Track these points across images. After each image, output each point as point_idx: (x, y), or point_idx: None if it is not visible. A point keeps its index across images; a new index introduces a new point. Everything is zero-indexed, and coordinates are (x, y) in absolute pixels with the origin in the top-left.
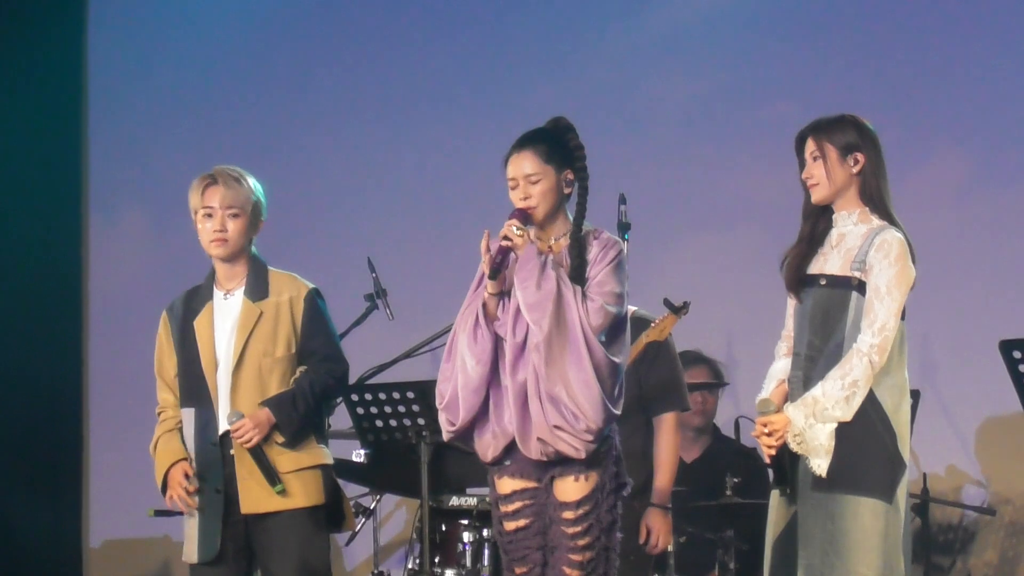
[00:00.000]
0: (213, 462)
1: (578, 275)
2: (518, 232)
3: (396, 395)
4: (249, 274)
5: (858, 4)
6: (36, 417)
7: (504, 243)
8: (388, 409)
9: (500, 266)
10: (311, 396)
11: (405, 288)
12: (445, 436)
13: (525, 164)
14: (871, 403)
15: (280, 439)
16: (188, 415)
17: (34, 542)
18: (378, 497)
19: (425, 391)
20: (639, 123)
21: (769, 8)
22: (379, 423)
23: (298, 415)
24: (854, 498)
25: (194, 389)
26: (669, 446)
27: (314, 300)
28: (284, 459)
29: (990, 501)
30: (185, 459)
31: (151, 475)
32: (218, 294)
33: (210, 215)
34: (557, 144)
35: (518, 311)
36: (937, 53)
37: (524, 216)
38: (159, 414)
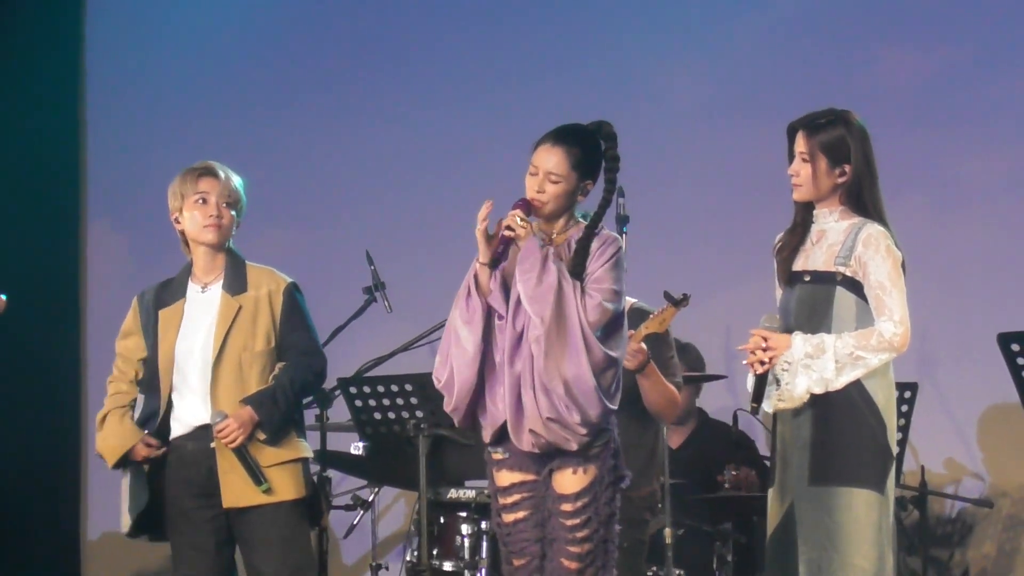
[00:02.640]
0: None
1: (578, 271)
2: (521, 223)
3: (394, 388)
4: (227, 268)
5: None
6: (35, 409)
7: (507, 233)
8: (386, 402)
9: (500, 256)
10: (291, 392)
11: (403, 281)
12: (449, 410)
13: (551, 160)
14: (862, 396)
15: (262, 436)
16: (139, 401)
17: (32, 535)
18: (376, 490)
19: (423, 384)
20: (638, 116)
21: (780, 6)
22: (377, 416)
23: (280, 412)
24: (848, 490)
25: (149, 379)
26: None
27: (292, 294)
28: (266, 453)
29: (988, 494)
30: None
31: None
32: (194, 287)
33: (205, 200)
34: (591, 152)
35: (519, 301)
36: (948, 47)
37: (528, 206)
38: (110, 383)
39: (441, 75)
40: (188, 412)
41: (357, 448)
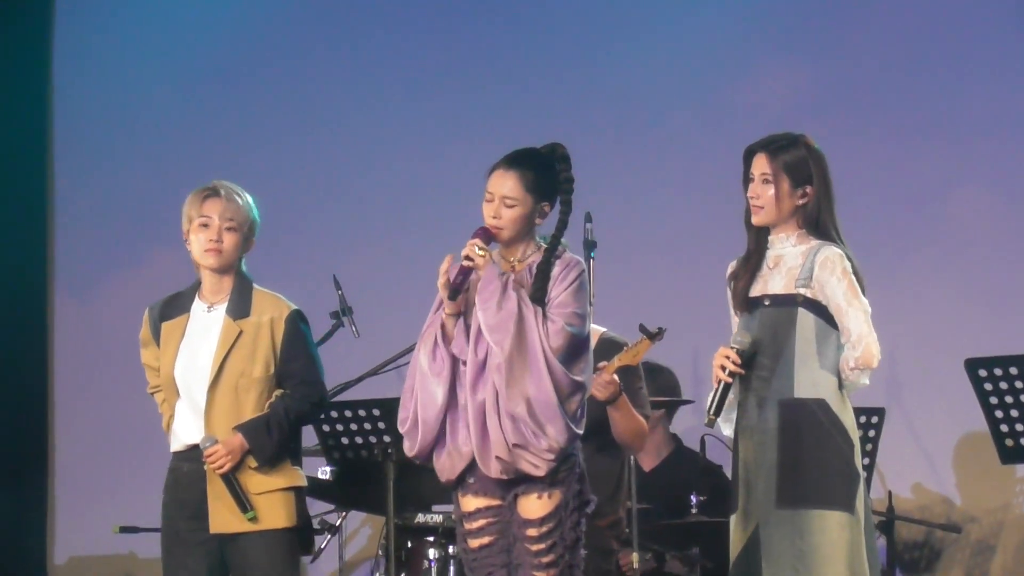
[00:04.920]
0: None
1: (539, 296)
2: (480, 252)
3: (362, 412)
4: (234, 291)
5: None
6: (0, 433)
7: (466, 263)
8: (354, 426)
9: (460, 286)
10: (286, 422)
11: (371, 306)
12: (410, 456)
13: (506, 185)
14: (828, 417)
15: (253, 464)
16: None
17: None
18: (344, 514)
19: (391, 409)
20: (606, 140)
21: (747, 32)
22: (345, 440)
23: (272, 442)
24: (820, 512)
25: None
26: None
27: (296, 322)
28: (256, 481)
29: (956, 519)
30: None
31: (117, 491)
32: (200, 305)
33: (206, 225)
34: (545, 174)
35: (479, 330)
36: (907, 63)
37: (487, 235)
38: (155, 394)
39: (413, 98)
40: (183, 429)
41: (325, 472)
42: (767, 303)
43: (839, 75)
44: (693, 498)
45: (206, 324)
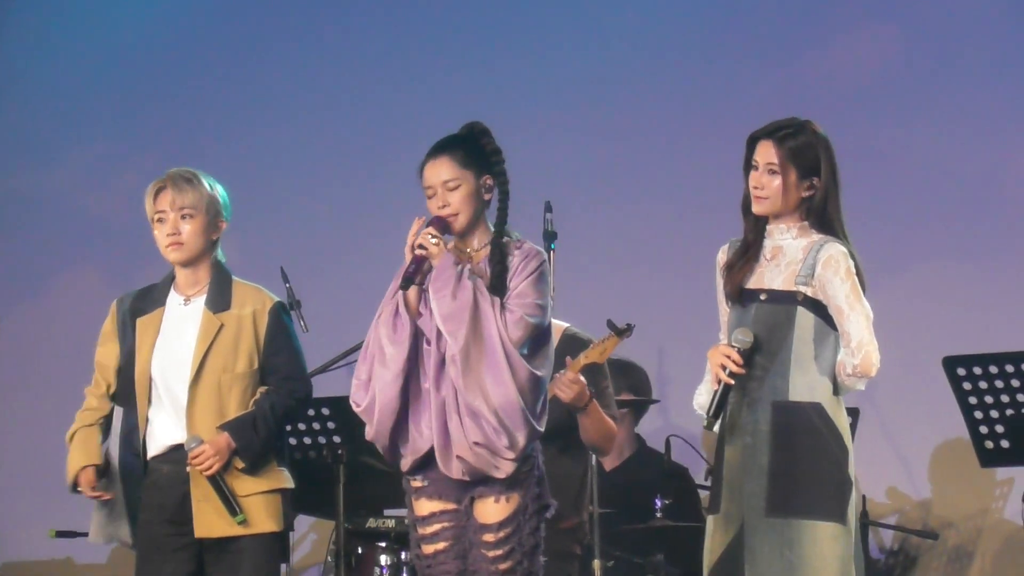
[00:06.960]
0: (133, 472)
1: (498, 285)
2: (434, 241)
3: (311, 411)
4: (212, 282)
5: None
6: None
7: (419, 252)
8: (302, 426)
9: (413, 276)
10: (272, 419)
11: (320, 300)
12: (370, 438)
13: (442, 170)
14: (824, 422)
15: (240, 464)
16: (118, 414)
17: None
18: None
19: (341, 407)
20: (566, 130)
21: (710, 19)
22: (292, 440)
23: (259, 440)
24: (811, 523)
25: (125, 391)
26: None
27: (279, 314)
28: (243, 482)
29: (933, 524)
30: (95, 465)
31: (52, 495)
32: (176, 298)
33: (163, 219)
34: (473, 149)
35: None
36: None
37: (442, 225)
38: (87, 393)
39: (361, 87)
40: (162, 431)
41: None
42: (764, 298)
43: (809, 73)
44: (657, 502)
45: (183, 318)
